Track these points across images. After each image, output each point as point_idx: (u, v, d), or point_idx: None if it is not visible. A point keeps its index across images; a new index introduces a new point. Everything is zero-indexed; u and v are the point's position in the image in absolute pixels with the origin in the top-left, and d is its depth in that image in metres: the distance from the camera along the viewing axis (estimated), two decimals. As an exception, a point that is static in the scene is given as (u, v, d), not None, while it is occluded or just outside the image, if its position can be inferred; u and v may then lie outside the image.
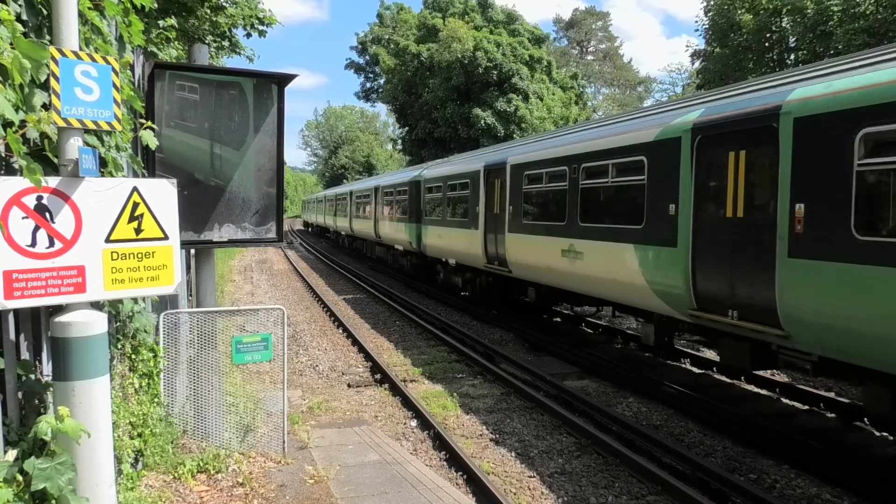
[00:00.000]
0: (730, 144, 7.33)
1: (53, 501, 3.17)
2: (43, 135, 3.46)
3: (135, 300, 4.88)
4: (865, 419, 7.95)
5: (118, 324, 4.85)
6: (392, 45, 48.81)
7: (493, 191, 14.17)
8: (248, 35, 12.18)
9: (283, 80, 6.35)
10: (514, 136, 36.98)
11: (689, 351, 11.28)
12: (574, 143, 11.05)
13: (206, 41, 11.07)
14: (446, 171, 17.79)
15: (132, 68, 5.30)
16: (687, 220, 7.85)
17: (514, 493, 6.30)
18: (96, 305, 3.76)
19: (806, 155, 6.30)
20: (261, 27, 12.15)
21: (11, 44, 2.97)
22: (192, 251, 7.34)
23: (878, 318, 5.48)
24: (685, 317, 8.03)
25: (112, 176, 4.25)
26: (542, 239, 11.62)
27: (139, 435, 4.99)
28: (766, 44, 24.88)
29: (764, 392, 9.37)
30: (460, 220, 16.18)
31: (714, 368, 10.48)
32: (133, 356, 5.16)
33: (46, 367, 3.67)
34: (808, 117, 6.28)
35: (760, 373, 9.44)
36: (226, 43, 12.28)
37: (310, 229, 66.19)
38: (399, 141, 55.51)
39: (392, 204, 23.63)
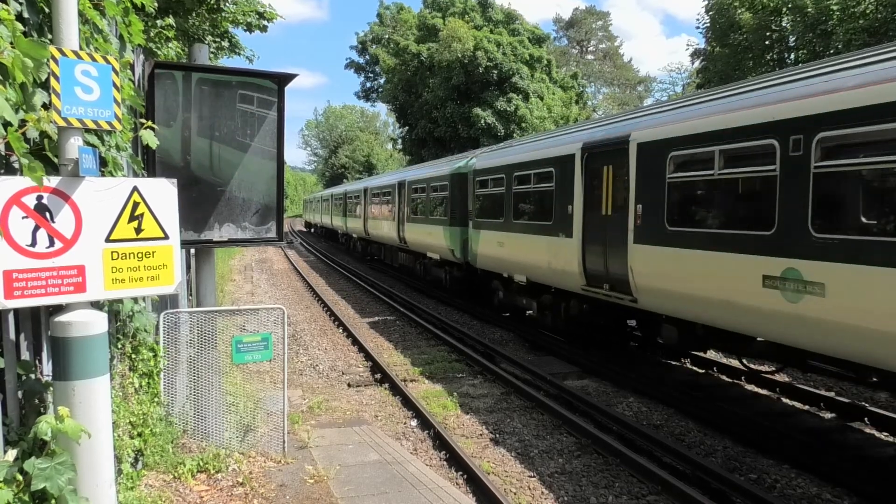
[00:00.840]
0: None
1: (53, 501, 3.17)
2: (43, 134, 3.45)
3: (135, 300, 4.88)
4: (865, 419, 7.96)
5: (118, 323, 4.85)
6: (392, 45, 48.78)
7: (601, 182, 9.90)
8: (250, 30, 12.15)
9: (284, 79, 6.34)
10: (514, 135, 36.96)
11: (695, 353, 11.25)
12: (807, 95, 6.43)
13: (206, 41, 11.06)
14: (512, 158, 13.43)
15: (132, 68, 5.29)
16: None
17: (514, 493, 6.30)
18: (96, 305, 3.76)
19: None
20: (261, 22, 12.12)
21: (12, 43, 2.96)
22: (192, 251, 7.34)
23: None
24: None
25: (112, 175, 4.25)
26: (719, 258, 7.33)
27: (139, 434, 4.99)
28: (766, 43, 24.88)
29: (764, 392, 9.37)
30: (538, 223, 11.89)
31: (714, 368, 10.48)
32: (133, 356, 5.16)
33: (46, 367, 3.66)
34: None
35: (760, 373, 9.45)
36: (225, 43, 12.27)
37: (312, 230, 62.60)
38: (399, 140, 55.51)
39: (423, 203, 19.48)
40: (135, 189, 3.82)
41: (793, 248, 6.33)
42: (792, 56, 25.14)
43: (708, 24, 28.40)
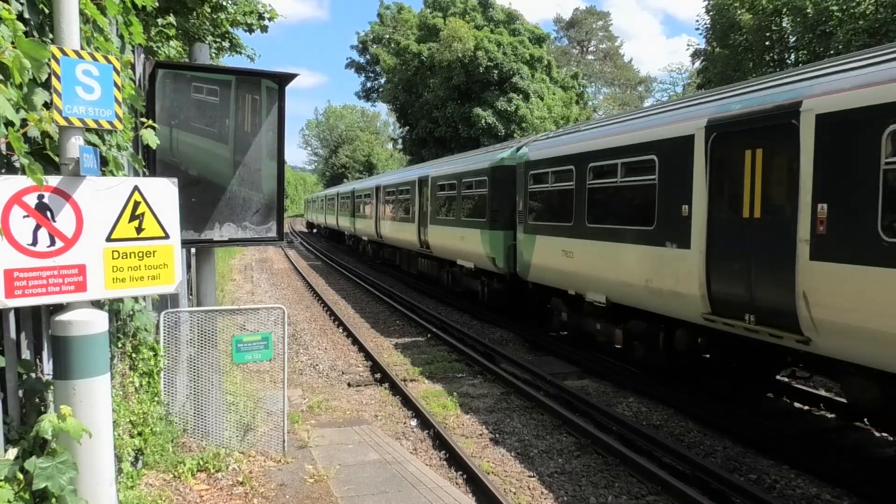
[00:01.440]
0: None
1: (54, 500, 3.17)
2: (44, 133, 3.46)
3: (135, 299, 4.89)
4: (865, 419, 7.96)
5: (119, 322, 4.86)
6: (392, 45, 48.78)
7: (741, 173, 7.20)
8: (251, 31, 12.15)
9: (284, 79, 6.35)
10: (515, 135, 36.97)
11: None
12: None
13: (206, 41, 11.06)
14: (585, 145, 10.54)
15: (133, 67, 5.30)
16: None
17: (514, 493, 6.30)
18: (97, 304, 3.76)
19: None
20: (262, 22, 12.12)
21: (13, 42, 2.97)
22: (193, 250, 7.34)
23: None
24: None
25: (113, 175, 4.25)
26: None
27: (139, 434, 4.99)
28: (767, 43, 24.87)
29: (768, 395, 9.36)
30: (631, 228, 9.15)
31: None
32: (133, 355, 5.16)
33: (47, 366, 3.67)
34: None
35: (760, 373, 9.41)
36: (226, 43, 12.27)
37: (314, 231, 59.51)
38: (399, 140, 55.49)
39: (452, 202, 16.98)
40: (135, 188, 3.82)
41: None
42: (792, 56, 25.15)
43: (707, 25, 28.41)
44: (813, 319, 6.17)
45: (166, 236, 3.98)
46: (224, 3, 11.22)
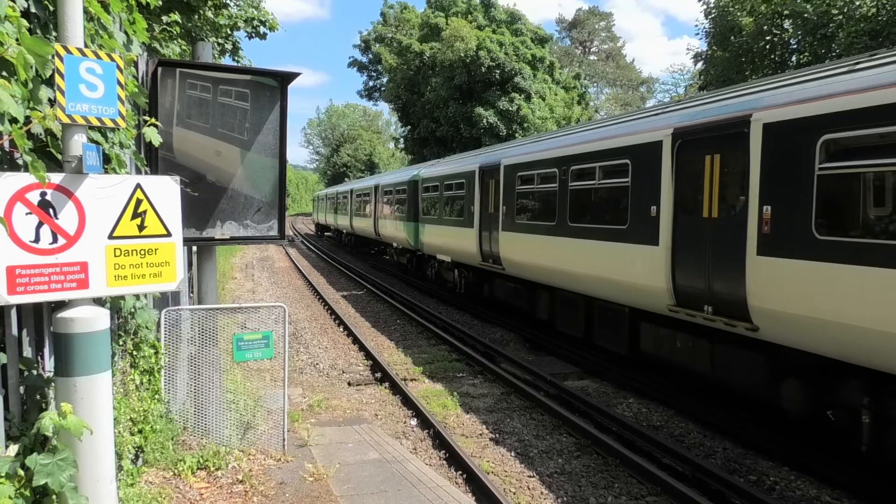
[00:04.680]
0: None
1: (54, 497, 3.18)
2: (47, 131, 3.47)
3: (137, 296, 4.89)
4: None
5: (120, 320, 4.87)
6: (395, 44, 48.78)
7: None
8: (250, 37, 12.20)
9: (287, 78, 6.36)
10: (517, 135, 36.98)
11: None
12: None
13: (209, 40, 11.09)
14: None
15: (136, 65, 5.31)
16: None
17: (514, 493, 6.31)
18: (98, 301, 3.77)
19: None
20: (263, 30, 12.17)
21: (17, 39, 2.97)
22: (194, 248, 7.35)
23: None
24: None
25: (115, 173, 4.26)
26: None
27: (140, 431, 5.00)
28: (767, 46, 24.83)
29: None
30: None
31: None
32: (134, 353, 5.17)
33: (48, 363, 3.68)
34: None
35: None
36: (228, 45, 12.31)
37: (324, 234, 49.74)
38: (401, 140, 55.50)
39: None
40: (138, 186, 3.83)
41: None
42: (793, 59, 25.12)
43: (707, 28, 28.37)
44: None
45: (168, 234, 3.99)
46: (227, 2, 11.25)
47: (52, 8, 3.54)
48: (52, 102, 3.41)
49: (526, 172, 12.52)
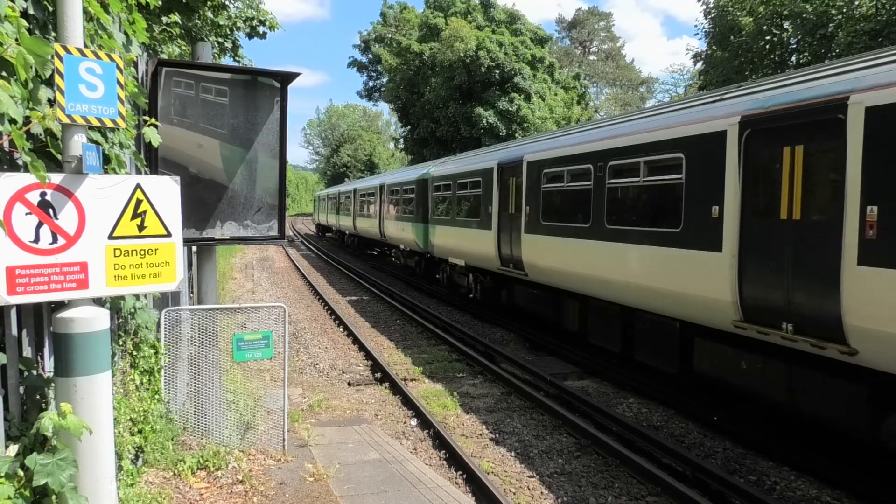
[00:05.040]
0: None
1: (54, 497, 3.18)
2: (47, 131, 3.47)
3: (136, 297, 4.89)
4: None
5: (120, 320, 4.86)
6: (395, 44, 48.79)
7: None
8: (250, 36, 12.21)
9: (287, 78, 6.35)
10: (517, 135, 36.98)
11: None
12: None
13: (209, 40, 11.10)
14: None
15: (136, 65, 5.31)
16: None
17: (514, 493, 6.31)
18: (98, 301, 3.77)
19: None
20: (262, 29, 12.18)
21: (16, 39, 2.97)
22: (194, 248, 7.35)
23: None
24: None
25: (115, 173, 4.26)
26: None
27: (140, 431, 5.00)
28: (767, 47, 24.82)
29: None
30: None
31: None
32: (134, 353, 5.17)
33: (48, 363, 3.68)
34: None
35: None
36: (228, 44, 12.31)
37: (326, 235, 47.87)
38: (401, 140, 55.52)
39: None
40: (138, 186, 3.83)
41: None
42: (793, 59, 25.12)
43: (707, 28, 28.36)
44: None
45: (168, 234, 3.99)
46: (226, 2, 11.25)
47: (51, 8, 3.54)
48: (51, 102, 3.41)
49: (553, 169, 11.23)
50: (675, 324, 8.42)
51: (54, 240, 3.45)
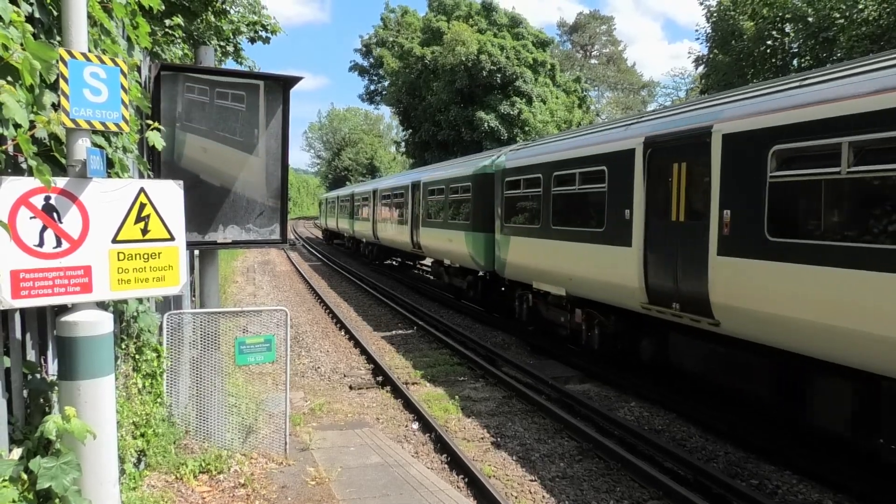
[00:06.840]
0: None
1: (57, 500, 3.18)
2: (51, 135, 3.48)
3: (140, 300, 4.90)
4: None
5: (122, 324, 4.88)
6: (396, 48, 48.90)
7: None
8: (253, 41, 12.26)
9: (289, 82, 6.37)
10: (518, 139, 37.01)
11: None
12: None
13: (211, 44, 11.13)
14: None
15: (139, 69, 5.33)
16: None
17: (516, 497, 6.30)
18: (102, 305, 3.78)
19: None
20: (265, 34, 12.23)
21: (21, 45, 2.99)
22: (196, 252, 7.36)
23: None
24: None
25: (118, 177, 4.27)
26: None
27: (142, 435, 5.00)
28: (768, 51, 24.83)
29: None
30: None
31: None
32: (137, 356, 5.18)
33: (52, 367, 3.69)
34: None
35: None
36: (230, 48, 12.36)
37: (335, 242, 43.26)
38: (402, 143, 55.61)
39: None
40: (142, 190, 3.84)
41: None
42: (795, 62, 25.13)
43: (708, 32, 28.39)
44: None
45: (171, 238, 4.00)
46: (227, 8, 11.30)
47: (56, 13, 3.56)
48: (56, 107, 3.43)
49: (796, 144, 6.33)
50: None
51: (58, 243, 3.46)
